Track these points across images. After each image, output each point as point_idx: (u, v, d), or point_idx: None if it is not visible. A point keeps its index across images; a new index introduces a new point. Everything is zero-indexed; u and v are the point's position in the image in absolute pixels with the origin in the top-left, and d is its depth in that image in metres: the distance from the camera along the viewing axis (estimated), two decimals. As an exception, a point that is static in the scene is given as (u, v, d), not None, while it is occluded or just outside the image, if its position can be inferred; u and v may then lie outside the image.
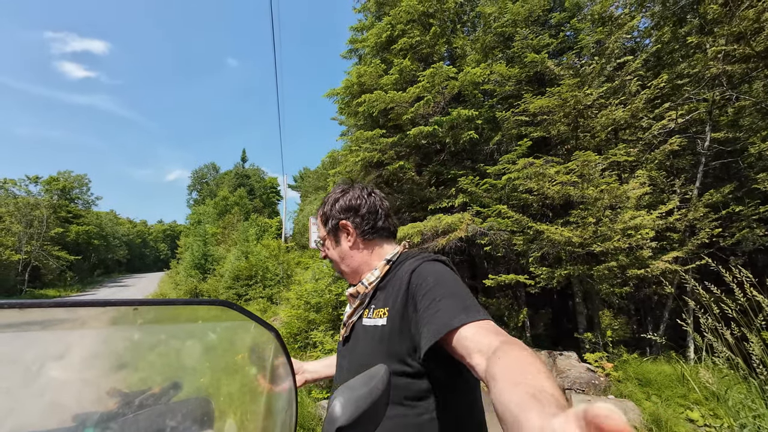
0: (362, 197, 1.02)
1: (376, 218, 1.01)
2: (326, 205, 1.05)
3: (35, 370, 0.54)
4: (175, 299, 0.64)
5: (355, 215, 1.00)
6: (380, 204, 1.04)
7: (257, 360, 0.77)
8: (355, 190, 1.04)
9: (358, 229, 1.00)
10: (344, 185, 1.07)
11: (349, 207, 1.01)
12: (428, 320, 0.75)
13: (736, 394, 3.04)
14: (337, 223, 1.01)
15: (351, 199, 1.02)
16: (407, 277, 0.86)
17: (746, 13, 4.34)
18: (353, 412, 0.55)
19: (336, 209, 1.02)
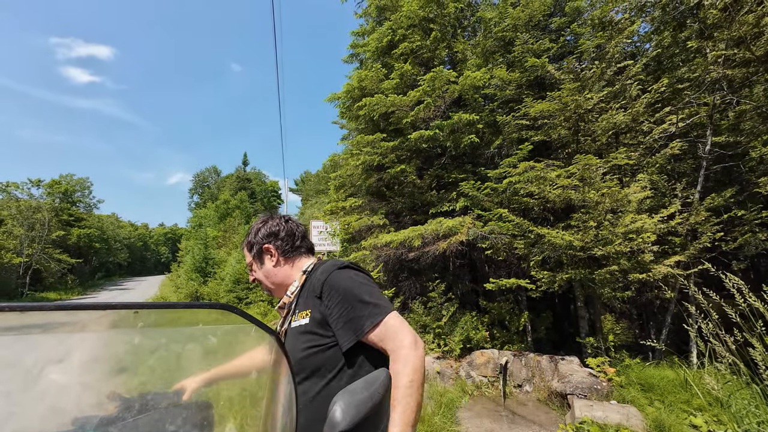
0: (281, 224, 1.23)
1: (293, 240, 1.21)
2: (250, 235, 1.23)
3: (35, 373, 0.54)
4: (176, 302, 0.64)
5: (275, 239, 1.20)
6: (296, 228, 1.25)
7: (257, 363, 0.77)
8: (275, 219, 1.25)
9: (279, 250, 1.19)
10: (265, 216, 1.28)
11: (270, 233, 1.21)
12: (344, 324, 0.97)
13: (739, 400, 3.01)
14: (261, 247, 1.20)
15: (271, 227, 1.22)
16: (320, 283, 1.04)
17: (746, 17, 4.36)
18: (354, 417, 0.55)
19: (259, 236, 1.21)
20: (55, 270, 25.32)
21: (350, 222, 6.63)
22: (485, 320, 5.78)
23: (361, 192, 7.31)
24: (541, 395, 4.50)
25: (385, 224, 6.41)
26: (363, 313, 0.96)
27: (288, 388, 0.73)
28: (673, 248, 4.84)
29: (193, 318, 0.68)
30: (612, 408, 3.49)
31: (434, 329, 5.66)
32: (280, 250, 1.19)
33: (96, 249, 35.01)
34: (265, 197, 49.28)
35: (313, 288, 1.06)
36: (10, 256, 20.94)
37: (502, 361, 4.84)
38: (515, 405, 4.38)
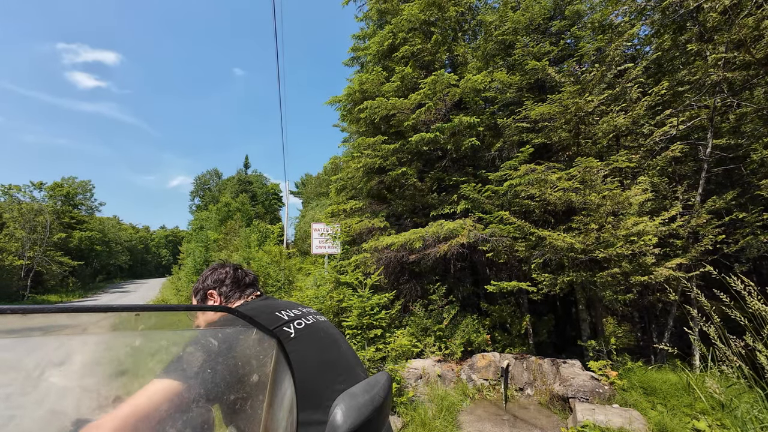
0: (228, 272, 1.32)
1: (238, 287, 1.29)
2: (198, 281, 1.32)
3: (37, 376, 0.54)
4: (177, 305, 0.64)
5: (221, 285, 1.29)
6: (243, 276, 1.34)
7: (258, 367, 0.77)
8: (224, 268, 1.34)
9: (222, 296, 1.27)
10: (216, 264, 1.38)
11: (216, 280, 1.30)
12: None
13: (743, 405, 2.99)
14: (205, 293, 1.28)
15: (219, 274, 1.31)
16: None
17: (746, 20, 4.37)
18: (355, 420, 0.55)
19: (207, 283, 1.30)
20: (56, 272, 25.34)
21: (351, 224, 6.63)
22: (486, 323, 5.77)
23: (362, 194, 7.32)
24: (542, 399, 4.47)
25: (385, 227, 6.41)
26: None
27: (289, 391, 0.73)
28: (674, 251, 4.82)
29: (194, 320, 0.68)
30: (614, 412, 3.47)
31: (435, 332, 5.64)
32: (223, 296, 1.27)
33: (97, 251, 35.05)
34: (266, 200, 49.33)
35: None
36: (12, 258, 20.97)
37: (504, 364, 4.82)
38: (517, 408, 4.36)
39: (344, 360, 1.04)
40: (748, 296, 2.86)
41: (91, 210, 38.24)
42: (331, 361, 1.01)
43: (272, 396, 0.76)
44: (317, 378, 0.93)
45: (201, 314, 0.92)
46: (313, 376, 0.92)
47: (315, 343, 1.01)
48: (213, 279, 1.31)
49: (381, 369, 4.68)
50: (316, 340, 1.02)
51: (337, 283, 6.28)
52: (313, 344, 1.00)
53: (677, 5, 4.98)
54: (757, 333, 2.83)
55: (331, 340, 1.06)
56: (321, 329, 1.08)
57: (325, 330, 1.09)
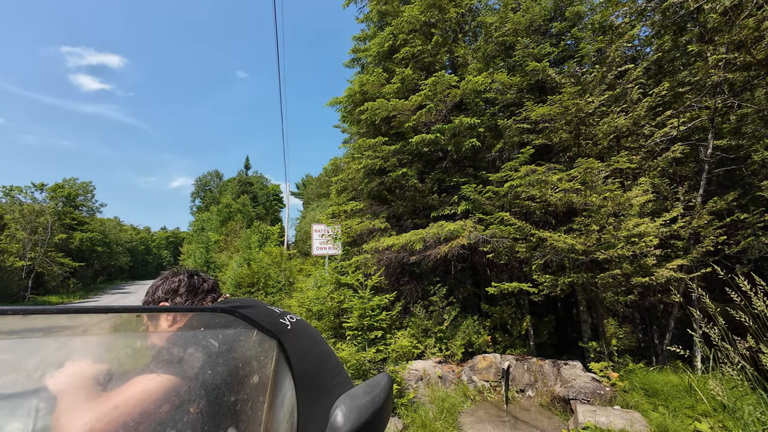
0: (182, 280, 1.19)
1: (195, 296, 1.17)
2: (147, 294, 1.19)
3: (37, 376, 0.54)
4: (178, 306, 0.64)
5: (175, 295, 1.15)
6: (200, 283, 1.21)
7: (259, 368, 0.76)
8: (177, 276, 1.21)
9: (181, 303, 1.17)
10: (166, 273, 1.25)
11: (169, 290, 1.16)
12: None
13: (745, 406, 2.98)
14: (157, 304, 1.15)
15: (171, 284, 1.18)
16: None
17: (746, 21, 4.37)
18: (356, 421, 0.55)
19: (157, 295, 1.16)
20: (57, 273, 25.37)
21: (352, 225, 6.63)
22: (487, 324, 5.76)
23: (363, 195, 7.32)
24: (543, 400, 4.46)
25: (386, 228, 6.41)
26: None
27: (290, 392, 0.73)
28: (675, 252, 4.82)
29: (195, 322, 0.68)
30: (615, 413, 3.46)
31: (436, 333, 5.63)
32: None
33: (98, 253, 35.06)
34: (267, 201, 49.36)
35: None
36: (13, 259, 20.99)
37: (505, 366, 4.81)
38: (518, 410, 4.35)
39: (335, 356, 1.05)
40: (754, 297, 2.85)
41: (92, 211, 38.27)
42: (326, 354, 1.02)
43: (273, 397, 0.75)
44: (318, 369, 0.94)
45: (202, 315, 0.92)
46: (313, 368, 0.93)
47: (309, 336, 1.02)
48: (164, 289, 1.17)
49: (382, 370, 4.67)
50: (309, 333, 1.03)
51: (337, 284, 6.28)
52: (308, 337, 1.01)
53: (677, 6, 4.99)
54: (762, 334, 2.82)
55: (321, 337, 1.08)
56: (308, 325, 1.09)
57: (311, 327, 1.10)
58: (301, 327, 1.05)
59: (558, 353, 5.93)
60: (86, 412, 0.61)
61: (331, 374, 0.99)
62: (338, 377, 1.00)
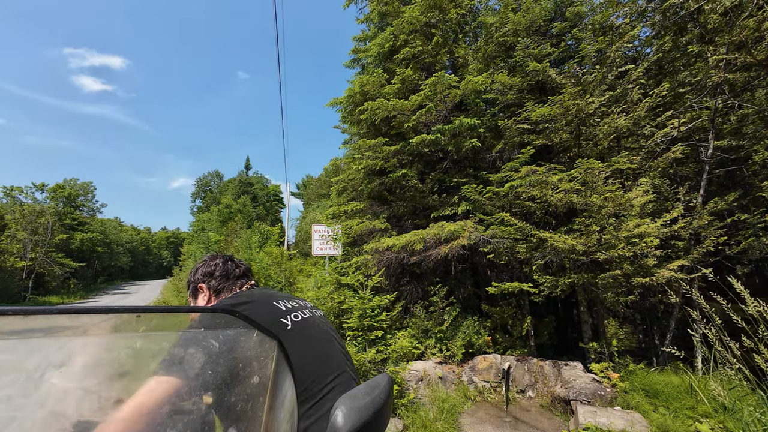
0: (218, 265, 1.32)
1: (227, 280, 1.29)
2: (191, 272, 1.33)
3: (38, 377, 0.54)
4: (178, 306, 0.64)
5: (210, 278, 1.29)
6: (233, 269, 1.33)
7: (259, 368, 0.76)
8: (215, 260, 1.34)
9: (211, 289, 1.28)
10: (207, 256, 1.37)
11: (206, 273, 1.30)
12: None
13: (745, 407, 2.98)
14: (195, 285, 1.29)
15: (208, 267, 1.31)
16: None
17: (747, 22, 4.37)
18: (356, 421, 0.54)
19: (197, 276, 1.30)
20: (57, 274, 25.38)
21: (352, 226, 6.63)
22: (487, 325, 5.75)
23: (363, 196, 7.32)
24: (544, 401, 4.46)
25: (386, 228, 6.41)
26: None
27: (290, 393, 0.73)
28: (676, 252, 4.81)
29: (196, 322, 0.68)
30: (616, 414, 3.46)
31: (436, 334, 5.63)
32: (212, 290, 1.28)
33: (98, 253, 35.07)
34: (267, 201, 49.36)
35: None
36: (14, 259, 21.01)
37: (505, 366, 4.80)
38: (518, 411, 4.34)
39: (336, 356, 1.06)
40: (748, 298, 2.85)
41: (92, 211, 38.31)
42: (326, 355, 1.03)
43: (273, 398, 0.75)
44: (318, 369, 0.96)
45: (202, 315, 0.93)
46: (314, 368, 0.95)
47: (310, 336, 1.03)
48: (203, 272, 1.31)
49: (382, 371, 4.67)
50: (310, 333, 1.04)
51: (338, 284, 6.27)
52: (309, 337, 1.02)
53: (678, 7, 4.99)
54: (754, 334, 2.82)
55: (325, 336, 1.08)
56: (316, 323, 1.10)
57: (320, 325, 1.11)
58: (304, 326, 1.06)
59: (558, 354, 5.93)
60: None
61: (333, 374, 1.00)
62: (340, 377, 1.01)
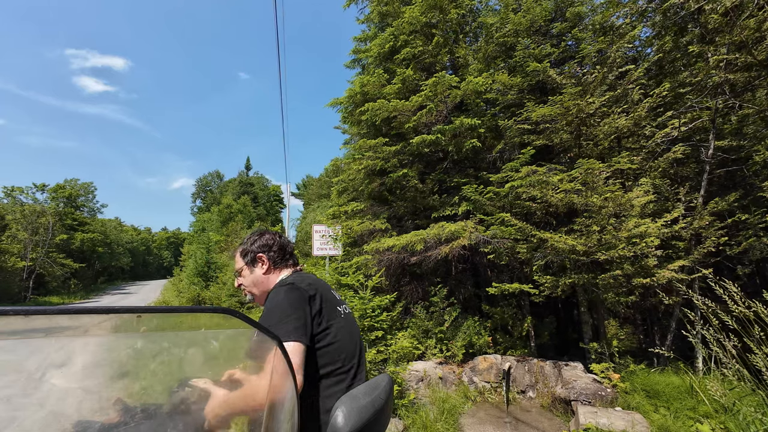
0: (275, 238, 1.39)
1: (283, 253, 1.37)
2: (246, 243, 1.38)
3: (38, 377, 0.54)
4: (178, 306, 0.64)
5: (269, 250, 1.36)
6: (287, 244, 1.41)
7: (259, 368, 0.76)
8: (269, 234, 1.42)
9: (270, 260, 1.35)
10: (260, 230, 1.46)
11: (264, 244, 1.37)
12: None
13: (746, 407, 2.97)
14: (255, 255, 1.35)
15: (266, 239, 1.38)
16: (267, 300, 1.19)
17: (747, 22, 4.36)
18: (356, 422, 0.54)
19: (255, 246, 1.36)
20: (58, 274, 25.41)
21: (352, 226, 6.63)
22: (488, 325, 5.75)
23: (363, 196, 7.32)
24: (544, 401, 4.45)
25: (387, 228, 6.40)
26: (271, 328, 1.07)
27: (290, 393, 0.73)
28: (677, 253, 4.81)
29: (195, 322, 0.68)
30: (617, 414, 3.45)
31: (436, 334, 5.63)
32: (271, 260, 1.35)
33: (99, 253, 35.11)
34: (268, 202, 49.37)
35: None
36: (14, 260, 21.02)
37: (505, 367, 4.80)
38: (518, 411, 4.34)
39: (362, 348, 1.25)
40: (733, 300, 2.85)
41: (93, 212, 38.36)
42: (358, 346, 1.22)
43: (273, 398, 0.75)
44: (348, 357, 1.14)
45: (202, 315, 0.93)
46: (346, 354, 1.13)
47: (351, 330, 1.21)
48: (260, 244, 1.36)
49: (382, 371, 4.66)
50: (351, 328, 1.22)
51: (338, 284, 6.27)
52: (350, 329, 1.21)
53: (678, 7, 4.98)
54: (746, 334, 2.81)
55: (357, 331, 1.27)
56: (353, 319, 1.30)
57: (354, 321, 1.30)
58: (349, 319, 1.25)
59: (559, 354, 5.92)
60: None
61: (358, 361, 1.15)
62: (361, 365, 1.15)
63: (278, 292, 1.15)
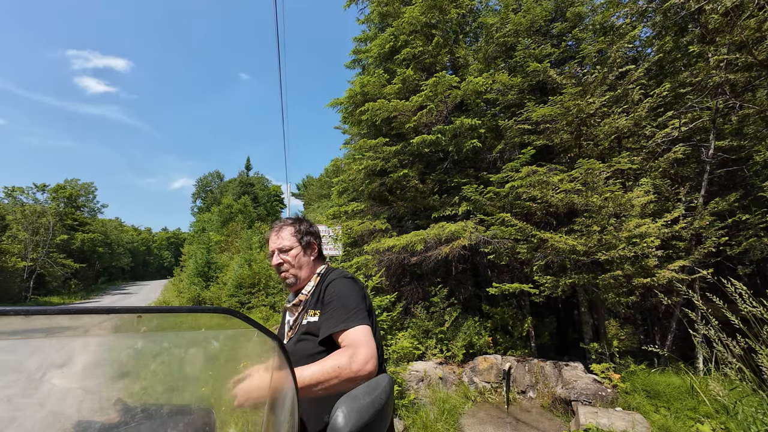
0: (318, 229, 1.48)
1: (324, 245, 1.57)
2: (304, 224, 1.44)
3: (38, 377, 0.54)
4: (179, 307, 0.64)
5: (319, 239, 1.45)
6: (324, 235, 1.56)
7: (259, 368, 0.76)
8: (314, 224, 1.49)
9: (318, 249, 1.43)
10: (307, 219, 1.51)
11: (316, 233, 1.45)
12: (324, 322, 1.18)
13: (746, 407, 2.97)
14: (310, 240, 1.41)
15: (317, 230, 1.47)
16: (325, 288, 1.27)
17: (747, 22, 4.36)
18: (357, 422, 0.54)
19: (311, 231, 1.44)
20: (58, 274, 25.42)
21: (352, 226, 6.63)
22: (488, 325, 5.74)
23: (364, 196, 7.32)
24: (544, 401, 4.45)
25: (387, 229, 6.40)
26: (341, 317, 1.16)
27: (290, 394, 0.73)
28: (677, 253, 4.80)
29: (195, 322, 0.68)
30: (617, 415, 3.45)
31: (437, 334, 5.62)
32: (318, 249, 1.43)
33: (99, 253, 35.14)
34: (268, 202, 49.36)
35: (321, 291, 1.29)
36: (15, 260, 21.04)
37: (506, 367, 4.80)
38: (519, 411, 4.34)
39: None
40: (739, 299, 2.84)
41: (93, 212, 38.40)
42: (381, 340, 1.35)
43: (273, 398, 0.75)
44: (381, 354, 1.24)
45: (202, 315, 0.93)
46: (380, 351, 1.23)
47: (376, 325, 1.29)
48: (315, 231, 1.45)
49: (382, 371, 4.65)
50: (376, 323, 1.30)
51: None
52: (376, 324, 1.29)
53: (679, 7, 4.98)
54: (755, 336, 2.81)
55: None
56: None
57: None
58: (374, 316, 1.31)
59: (559, 354, 5.92)
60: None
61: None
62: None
63: (346, 282, 1.26)
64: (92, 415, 0.63)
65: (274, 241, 1.40)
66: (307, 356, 1.16)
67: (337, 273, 1.33)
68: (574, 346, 5.93)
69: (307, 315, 1.26)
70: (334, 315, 1.17)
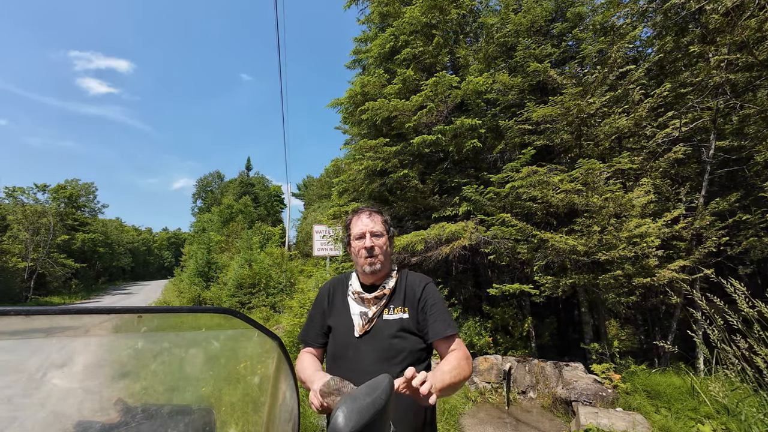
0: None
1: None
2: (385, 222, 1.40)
3: (39, 377, 0.54)
4: (179, 307, 0.64)
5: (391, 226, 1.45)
6: None
7: (260, 368, 0.76)
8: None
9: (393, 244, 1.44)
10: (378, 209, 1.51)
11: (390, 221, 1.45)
12: (433, 323, 1.25)
13: (747, 408, 2.96)
14: (393, 234, 1.42)
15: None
16: (421, 289, 1.31)
17: (748, 22, 4.36)
18: (357, 422, 0.54)
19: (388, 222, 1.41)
20: (59, 274, 25.43)
21: (353, 226, 6.62)
22: (488, 326, 5.74)
23: (364, 197, 7.32)
24: (545, 402, 4.45)
25: (387, 229, 6.39)
26: (449, 321, 1.25)
27: (290, 393, 0.73)
28: (678, 253, 4.80)
29: (196, 322, 0.68)
30: (617, 415, 3.45)
31: (437, 334, 5.62)
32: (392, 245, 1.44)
33: (100, 253, 35.16)
34: (268, 202, 49.36)
35: (413, 291, 1.31)
36: (15, 260, 21.06)
37: (506, 367, 4.79)
38: (519, 412, 4.33)
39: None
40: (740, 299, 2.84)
41: (94, 212, 38.42)
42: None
43: (273, 398, 0.75)
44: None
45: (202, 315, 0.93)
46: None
47: None
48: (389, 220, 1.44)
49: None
50: None
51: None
52: None
53: (679, 7, 4.98)
54: (756, 335, 2.81)
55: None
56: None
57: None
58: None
59: (560, 355, 5.92)
60: None
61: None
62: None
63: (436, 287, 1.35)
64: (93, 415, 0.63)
65: (366, 223, 1.34)
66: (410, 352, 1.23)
67: (423, 276, 1.37)
68: (574, 347, 5.92)
69: (390, 311, 1.28)
70: (443, 318, 1.25)
